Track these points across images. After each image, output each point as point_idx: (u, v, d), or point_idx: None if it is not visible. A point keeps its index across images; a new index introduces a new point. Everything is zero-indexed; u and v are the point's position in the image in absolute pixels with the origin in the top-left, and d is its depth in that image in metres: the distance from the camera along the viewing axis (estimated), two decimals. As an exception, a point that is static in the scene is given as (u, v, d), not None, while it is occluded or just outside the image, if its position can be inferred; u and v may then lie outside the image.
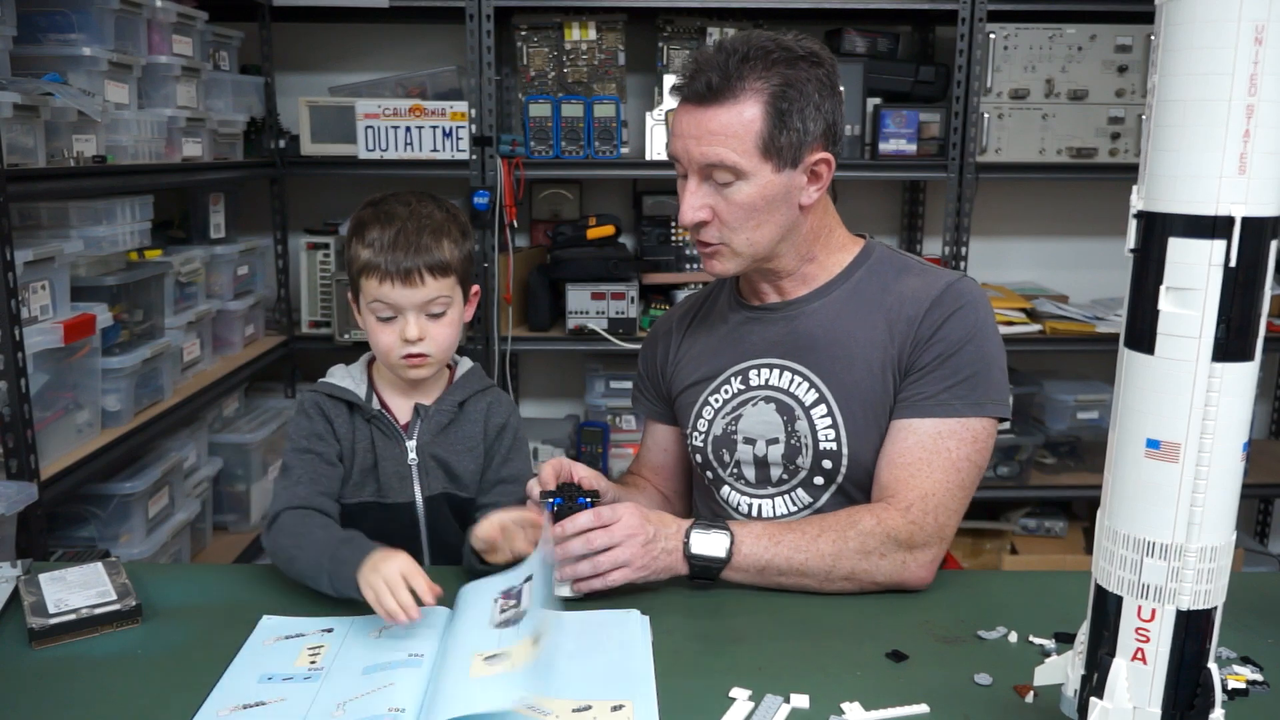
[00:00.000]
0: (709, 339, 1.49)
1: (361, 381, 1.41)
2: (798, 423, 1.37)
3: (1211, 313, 0.71)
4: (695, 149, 1.28)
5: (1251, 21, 0.66)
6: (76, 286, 1.92)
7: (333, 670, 1.07)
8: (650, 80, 2.94)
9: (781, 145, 1.26)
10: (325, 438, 1.36)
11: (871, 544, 1.23)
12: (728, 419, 1.42)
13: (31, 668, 1.08)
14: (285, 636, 1.14)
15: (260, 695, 1.02)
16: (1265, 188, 0.69)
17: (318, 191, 3.11)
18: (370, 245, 1.30)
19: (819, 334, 1.38)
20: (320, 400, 1.38)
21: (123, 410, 2.04)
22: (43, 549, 1.72)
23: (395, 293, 1.30)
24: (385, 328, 1.33)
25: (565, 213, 3.02)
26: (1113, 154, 2.74)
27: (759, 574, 1.24)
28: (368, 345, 1.39)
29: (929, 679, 1.05)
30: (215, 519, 2.62)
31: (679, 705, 1.00)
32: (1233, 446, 0.73)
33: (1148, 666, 0.77)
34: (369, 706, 0.99)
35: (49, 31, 1.96)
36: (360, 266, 1.32)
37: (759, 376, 1.41)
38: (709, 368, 1.46)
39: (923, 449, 1.29)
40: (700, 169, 1.29)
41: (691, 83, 1.27)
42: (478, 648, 1.05)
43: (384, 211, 1.33)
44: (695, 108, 1.27)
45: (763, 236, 1.32)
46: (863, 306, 1.37)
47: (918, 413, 1.30)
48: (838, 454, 1.35)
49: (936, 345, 1.31)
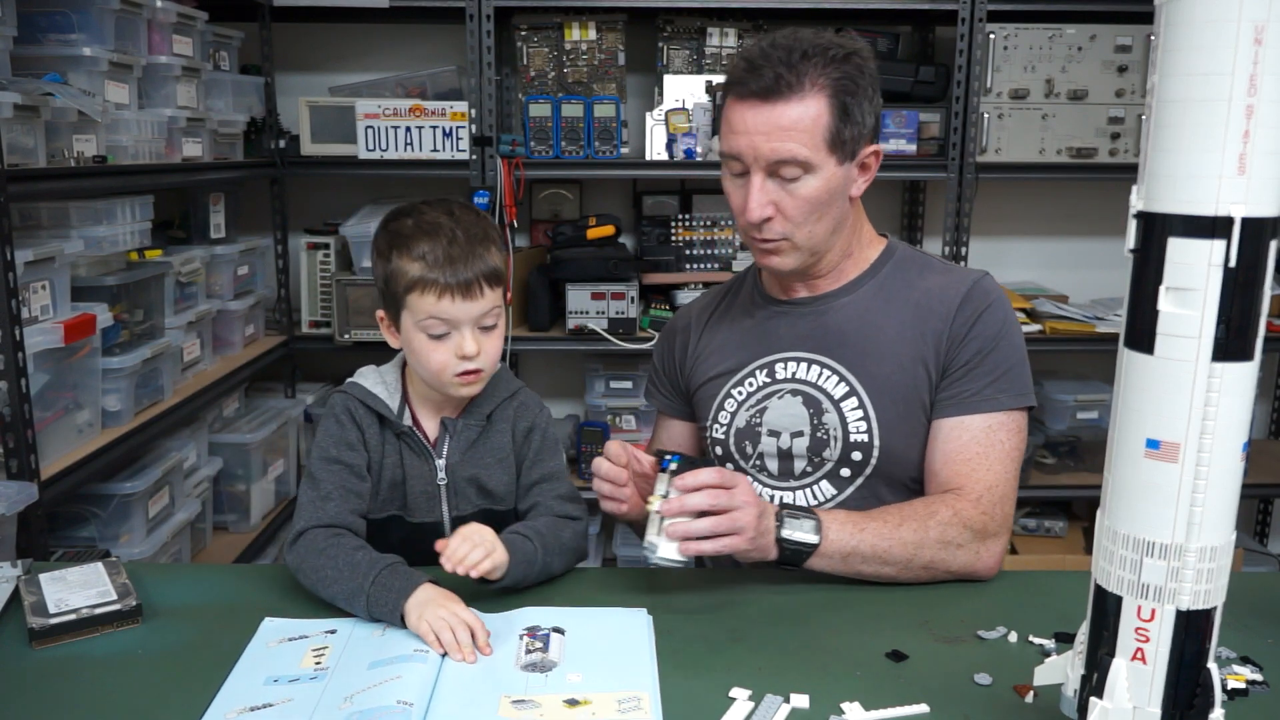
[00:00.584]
0: (732, 333, 1.49)
1: (395, 391, 1.35)
2: (826, 415, 1.38)
3: (1211, 313, 0.71)
4: (765, 145, 1.27)
5: (1251, 21, 0.66)
6: (77, 286, 1.92)
7: (338, 668, 1.07)
8: (650, 80, 2.94)
9: (845, 139, 1.29)
10: (356, 447, 1.31)
11: (951, 534, 1.26)
12: (751, 411, 1.43)
13: (31, 668, 1.08)
14: (289, 639, 1.14)
15: (267, 697, 1.02)
16: (1265, 188, 0.69)
17: (318, 191, 3.11)
18: (421, 259, 1.24)
19: (849, 329, 1.40)
20: (352, 406, 1.33)
21: (123, 410, 2.04)
22: (43, 549, 1.72)
23: (454, 307, 1.24)
24: (438, 345, 1.26)
25: (565, 213, 3.02)
26: (1113, 154, 2.74)
27: (843, 561, 1.24)
28: (368, 346, 1.39)
29: (929, 679, 1.05)
30: (215, 519, 2.62)
31: (679, 705, 1.00)
32: (1233, 446, 0.73)
33: (1147, 666, 0.77)
34: (377, 698, 0.98)
35: (49, 31, 1.96)
36: (410, 282, 1.24)
37: (785, 369, 1.42)
38: (733, 361, 1.46)
39: (978, 444, 1.34)
40: (767, 165, 1.28)
41: (754, 79, 1.26)
42: (505, 688, 1.03)
43: (426, 222, 1.27)
44: (761, 104, 1.26)
45: (822, 230, 1.34)
46: (891, 302, 1.40)
47: (967, 409, 1.34)
48: (869, 445, 1.37)
49: (973, 342, 1.35)
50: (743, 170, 1.31)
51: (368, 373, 1.38)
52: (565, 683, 1.04)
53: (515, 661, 1.08)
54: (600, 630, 1.15)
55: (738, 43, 2.81)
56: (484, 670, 1.06)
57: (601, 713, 0.99)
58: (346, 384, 1.36)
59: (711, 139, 2.71)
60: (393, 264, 1.26)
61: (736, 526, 1.15)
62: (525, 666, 1.07)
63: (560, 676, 1.05)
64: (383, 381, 1.36)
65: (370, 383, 1.35)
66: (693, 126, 2.70)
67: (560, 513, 1.34)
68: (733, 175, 1.34)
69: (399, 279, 1.26)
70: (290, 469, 2.91)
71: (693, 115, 2.70)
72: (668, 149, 2.72)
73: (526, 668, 1.07)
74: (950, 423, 1.35)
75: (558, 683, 1.04)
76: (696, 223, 2.92)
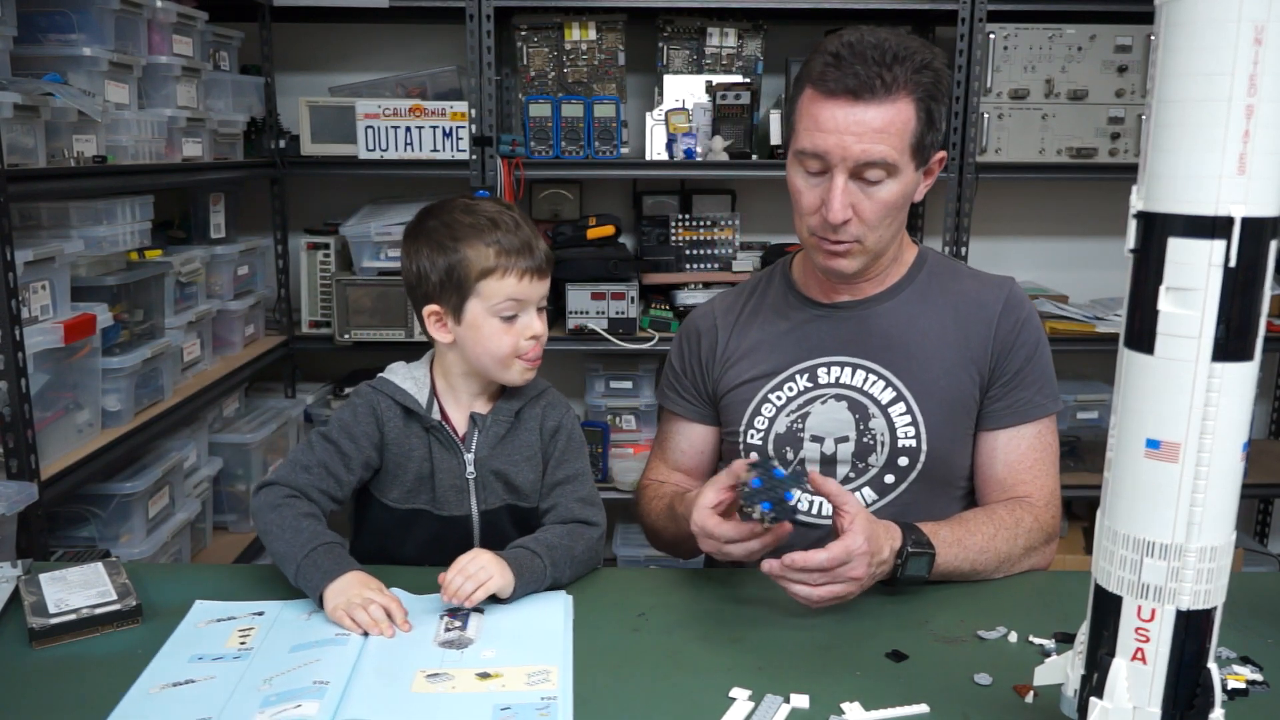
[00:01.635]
0: (765, 335, 1.46)
1: (424, 385, 1.37)
2: (873, 420, 1.38)
3: (1211, 313, 0.71)
4: (855, 146, 1.25)
5: (1251, 21, 0.66)
6: (76, 286, 1.92)
7: (261, 650, 1.10)
8: (650, 80, 2.94)
9: (926, 144, 1.30)
10: (358, 440, 1.33)
11: (1034, 540, 1.33)
12: (793, 417, 1.41)
13: (31, 668, 1.08)
14: (217, 620, 1.18)
15: (190, 674, 1.05)
16: (1265, 188, 0.69)
17: (318, 191, 3.11)
18: (496, 244, 1.28)
19: (894, 333, 1.40)
20: (376, 402, 1.35)
21: (123, 410, 2.04)
22: (43, 549, 1.72)
23: (530, 288, 1.30)
24: (508, 328, 1.30)
25: (565, 213, 3.02)
26: (1113, 154, 2.74)
27: (942, 574, 1.26)
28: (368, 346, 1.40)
29: (929, 679, 1.05)
30: (215, 519, 2.62)
31: (679, 705, 1.00)
32: (1233, 446, 0.73)
33: (1147, 666, 0.77)
34: (295, 680, 1.02)
35: (49, 31, 1.96)
36: (486, 268, 1.28)
37: (828, 374, 1.41)
38: (768, 364, 1.44)
39: (1035, 450, 1.39)
40: (854, 166, 1.26)
41: (847, 77, 1.24)
42: (420, 663, 1.07)
43: (484, 214, 1.31)
44: (853, 104, 1.24)
45: (890, 234, 1.34)
46: (931, 307, 1.41)
47: (1023, 418, 1.39)
48: (916, 450, 1.38)
49: (1020, 350, 1.39)
50: (820, 169, 1.28)
51: (398, 368, 1.39)
52: (479, 658, 1.08)
53: (434, 639, 1.12)
54: (519, 610, 1.19)
55: (738, 43, 2.81)
56: (402, 649, 1.10)
57: (511, 685, 1.03)
58: (377, 378, 1.38)
59: (711, 139, 2.71)
60: (460, 254, 1.28)
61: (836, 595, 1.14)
62: (443, 644, 1.11)
63: (475, 653, 1.09)
64: (412, 377, 1.38)
65: (399, 378, 1.37)
66: (693, 126, 2.70)
67: (579, 517, 1.33)
68: (807, 173, 1.30)
69: (469, 267, 1.28)
70: (290, 469, 2.91)
71: (693, 115, 2.70)
72: (668, 149, 2.72)
73: (444, 645, 1.11)
74: (1009, 433, 1.39)
75: (472, 658, 1.08)
76: (696, 223, 2.92)
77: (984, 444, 1.41)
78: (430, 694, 1.01)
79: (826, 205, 1.28)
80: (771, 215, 3.14)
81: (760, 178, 3.04)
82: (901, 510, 1.40)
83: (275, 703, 0.98)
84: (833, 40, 1.28)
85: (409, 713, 0.98)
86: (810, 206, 1.31)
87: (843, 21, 2.87)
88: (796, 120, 1.31)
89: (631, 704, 1.01)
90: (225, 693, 1.01)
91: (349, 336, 2.78)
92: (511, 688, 1.02)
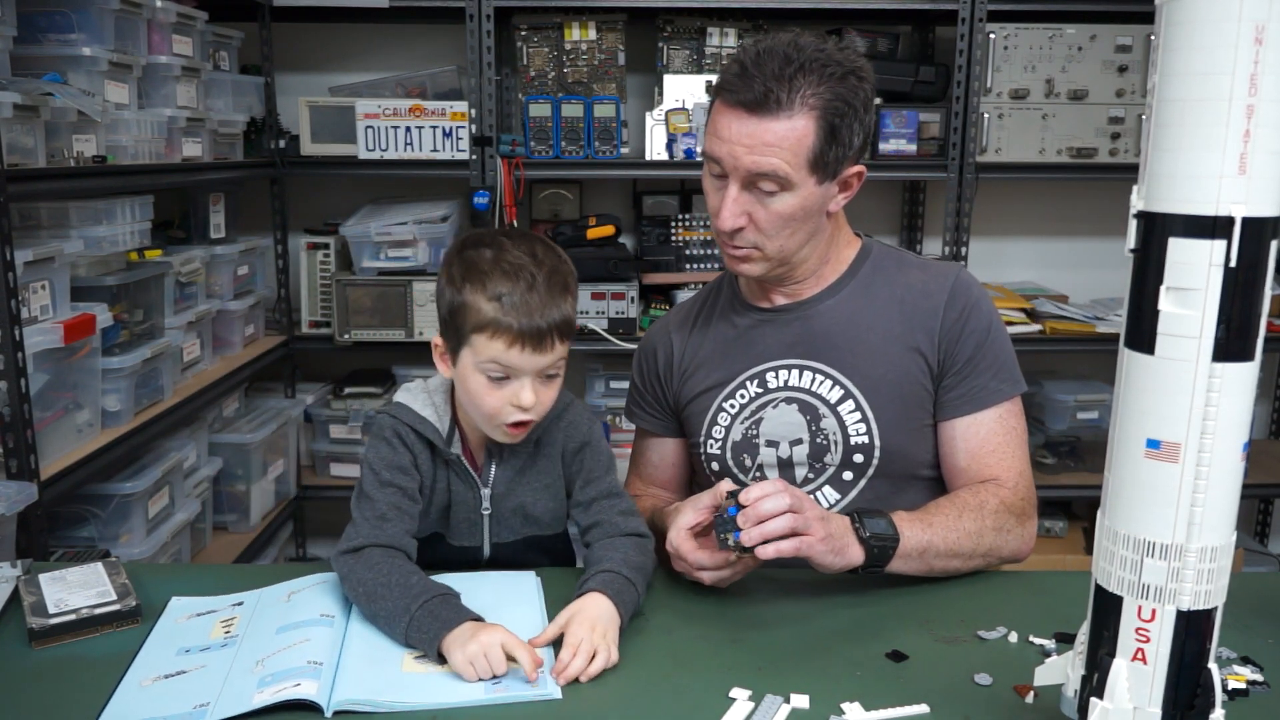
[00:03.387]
0: (714, 344, 1.47)
1: (445, 414, 1.28)
2: (824, 420, 1.38)
3: (1211, 313, 0.71)
4: (745, 157, 1.25)
5: (1251, 21, 0.66)
6: (76, 286, 1.92)
7: (248, 635, 1.11)
8: (650, 80, 2.94)
9: (829, 160, 1.27)
10: (408, 470, 1.25)
11: (1003, 521, 1.31)
12: (747, 423, 1.42)
13: (31, 668, 1.08)
14: (196, 614, 1.18)
15: (181, 665, 1.06)
16: (1265, 188, 0.69)
17: (318, 191, 3.11)
18: (496, 299, 1.16)
19: (836, 331, 1.40)
20: (402, 430, 1.26)
21: (123, 410, 2.04)
22: (43, 549, 1.72)
23: (522, 358, 1.17)
24: (495, 389, 1.19)
25: (565, 213, 3.02)
26: (1113, 154, 2.74)
27: (920, 557, 1.25)
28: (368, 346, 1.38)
29: (929, 679, 1.05)
30: (215, 519, 2.62)
31: (679, 705, 1.00)
32: (1233, 446, 0.73)
33: (1148, 667, 0.77)
34: (287, 660, 1.03)
35: (49, 31, 1.96)
36: (480, 323, 1.17)
37: (777, 378, 1.41)
38: (720, 373, 1.44)
39: (996, 435, 1.38)
40: (745, 176, 1.27)
41: (745, 89, 1.24)
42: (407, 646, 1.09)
43: (508, 260, 1.19)
44: (747, 115, 1.24)
45: (794, 244, 1.34)
46: (874, 301, 1.40)
47: (979, 405, 1.38)
48: (869, 447, 1.38)
49: (970, 338, 1.37)
50: (722, 174, 1.30)
51: (416, 391, 1.30)
52: None
53: None
54: (494, 592, 1.20)
55: (737, 43, 2.81)
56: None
57: None
58: (394, 405, 1.29)
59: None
60: (464, 297, 1.18)
61: (805, 525, 1.14)
62: None
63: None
64: (432, 403, 1.28)
65: (419, 404, 1.28)
66: (693, 126, 2.70)
67: (630, 530, 1.27)
68: (712, 176, 1.32)
69: (467, 315, 1.18)
70: (290, 469, 2.91)
71: (693, 115, 2.70)
72: (668, 149, 2.72)
73: None
74: (966, 420, 1.38)
75: None
76: (696, 223, 2.92)
77: (944, 434, 1.40)
78: (421, 673, 1.04)
79: (719, 211, 1.30)
80: (771, 215, 3.14)
81: (760, 178, 3.03)
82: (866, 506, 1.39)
83: (272, 682, 0.99)
84: (749, 47, 1.28)
85: (404, 691, 1.00)
86: (713, 209, 1.33)
87: (843, 21, 2.87)
88: (707, 123, 1.33)
89: (631, 704, 1.01)
90: (220, 677, 1.02)
91: (349, 336, 2.77)
92: None
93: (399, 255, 2.75)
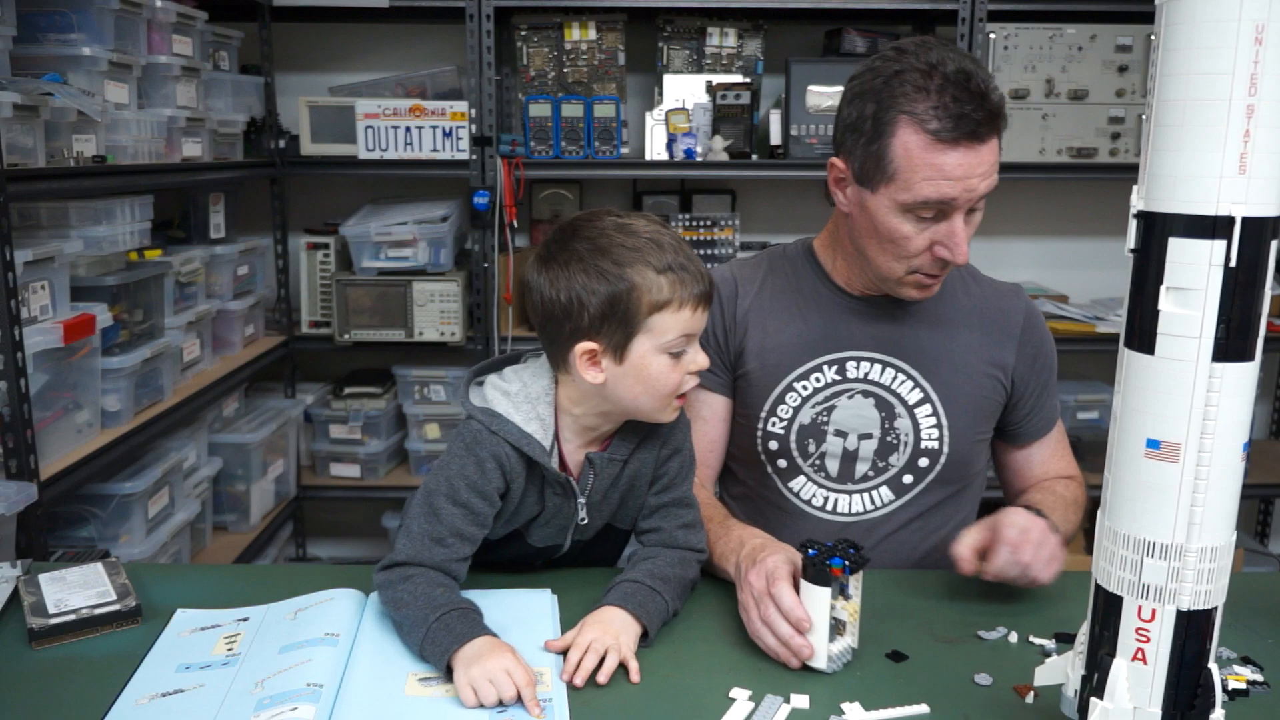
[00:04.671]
0: (791, 317, 1.41)
1: (549, 426, 1.17)
2: (898, 420, 1.38)
3: (1211, 313, 0.71)
4: (981, 185, 1.22)
5: (1251, 21, 0.66)
6: (76, 286, 1.92)
7: (250, 654, 1.08)
8: (650, 80, 2.94)
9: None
10: (490, 498, 1.15)
11: (1081, 513, 1.42)
12: (818, 409, 1.39)
13: (31, 668, 1.08)
14: (201, 628, 1.16)
15: (179, 684, 1.03)
16: (1265, 188, 0.69)
17: (318, 191, 3.11)
18: (668, 271, 1.09)
19: (923, 334, 1.39)
20: (501, 453, 1.14)
21: (123, 410, 2.04)
22: (43, 549, 1.72)
23: (703, 318, 1.13)
24: (675, 365, 1.12)
25: (565, 213, 3.02)
26: (1113, 154, 2.74)
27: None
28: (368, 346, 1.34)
29: (929, 679, 1.05)
30: (215, 519, 2.63)
31: (679, 705, 1.00)
32: (1233, 446, 0.73)
33: (1148, 667, 0.77)
34: (287, 682, 1.00)
35: (49, 31, 1.96)
36: (660, 300, 1.08)
37: (858, 369, 1.39)
38: (797, 351, 1.39)
39: (1060, 443, 1.51)
40: (971, 204, 1.24)
41: (965, 123, 1.19)
42: (411, 667, 1.07)
43: (640, 234, 1.10)
44: (979, 145, 1.21)
45: None
46: (957, 309, 1.42)
47: (1050, 425, 1.49)
48: (937, 452, 1.39)
49: (1043, 361, 1.45)
50: (938, 213, 1.24)
51: (518, 400, 1.17)
52: None
53: None
54: (507, 611, 1.17)
55: (738, 42, 2.81)
56: (393, 651, 1.09)
57: None
58: (492, 416, 1.15)
59: (711, 139, 2.71)
60: (627, 282, 1.08)
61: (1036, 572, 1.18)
62: None
63: None
64: (536, 415, 1.17)
65: (522, 417, 1.16)
66: (693, 126, 2.70)
67: (691, 545, 1.23)
68: (919, 219, 1.25)
69: (640, 297, 1.08)
70: (290, 469, 2.91)
71: (693, 115, 2.70)
72: (668, 149, 2.72)
73: None
74: (1048, 439, 1.49)
75: None
76: (696, 223, 2.92)
77: (1019, 454, 1.49)
78: (425, 697, 1.01)
79: (949, 247, 1.25)
80: (771, 215, 3.14)
81: (760, 178, 3.04)
82: (917, 512, 1.41)
83: (270, 705, 0.96)
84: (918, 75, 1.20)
85: (404, 717, 0.98)
86: (919, 248, 1.27)
87: (843, 21, 2.87)
88: (903, 166, 1.22)
89: (631, 704, 1.01)
90: (217, 699, 1.00)
91: (349, 336, 2.77)
92: None
93: (399, 255, 2.75)
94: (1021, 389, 1.43)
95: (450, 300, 2.76)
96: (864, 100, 1.25)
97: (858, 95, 1.26)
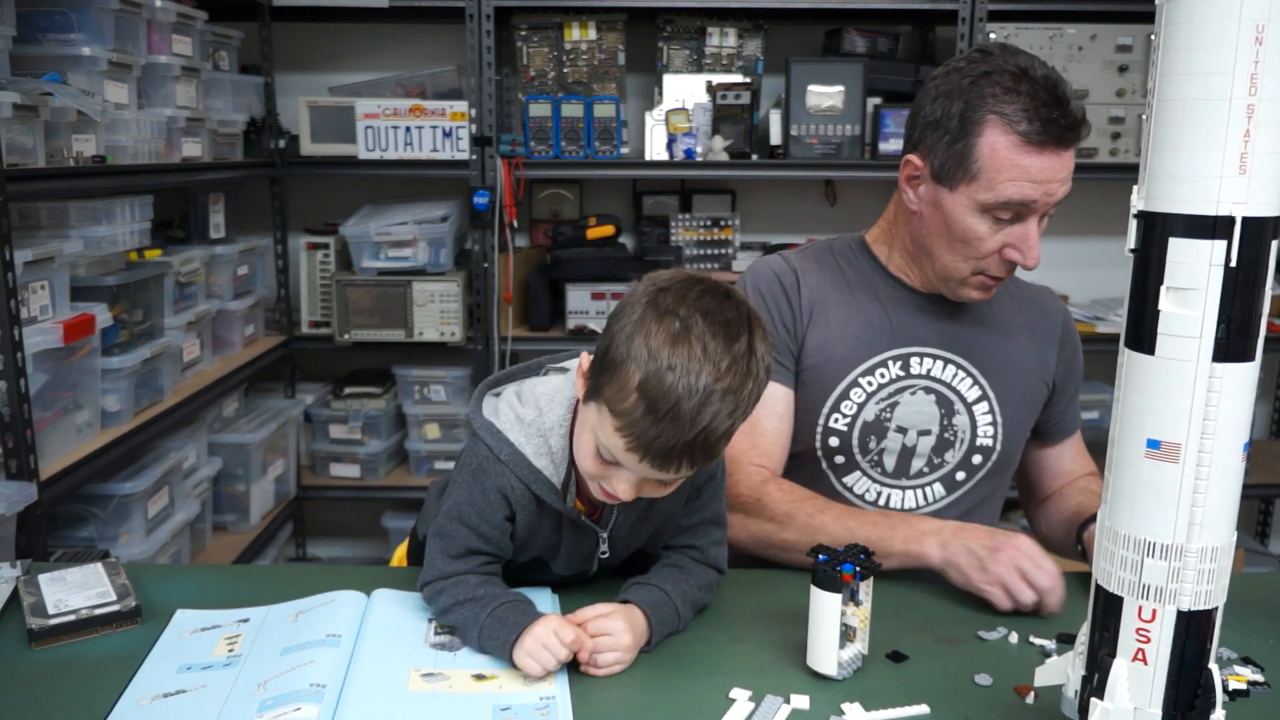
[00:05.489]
0: (856, 312, 1.39)
1: (563, 460, 1.10)
2: (956, 417, 1.39)
3: (1212, 313, 0.71)
4: (1059, 191, 1.24)
5: (1251, 21, 0.66)
6: (76, 286, 1.92)
7: (251, 655, 1.08)
8: (650, 80, 2.94)
9: None
10: (498, 526, 1.12)
11: None
12: (882, 405, 1.38)
13: (31, 668, 1.08)
14: (201, 629, 1.16)
15: (181, 684, 1.03)
16: (1266, 188, 0.69)
17: (318, 191, 3.11)
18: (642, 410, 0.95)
19: (982, 333, 1.41)
20: (507, 486, 1.09)
21: (122, 410, 2.04)
22: (42, 549, 1.72)
23: (648, 472, 1.00)
24: (604, 468, 1.03)
25: (565, 213, 3.02)
26: (1113, 154, 2.74)
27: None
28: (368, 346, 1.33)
29: (929, 679, 1.05)
30: (215, 519, 2.63)
31: (679, 705, 1.00)
32: (1233, 446, 0.73)
33: (1148, 667, 0.77)
34: (290, 683, 1.00)
35: (49, 31, 1.96)
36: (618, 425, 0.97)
37: (921, 365, 1.39)
38: (862, 346, 1.38)
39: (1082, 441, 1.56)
40: (1048, 208, 1.25)
41: (1054, 126, 1.20)
42: (414, 663, 1.07)
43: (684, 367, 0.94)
44: (1062, 151, 1.22)
45: None
46: (1009, 309, 1.45)
47: (1079, 421, 1.54)
48: (991, 450, 1.41)
49: (1077, 361, 1.50)
50: (1014, 216, 1.25)
51: (530, 432, 1.10)
52: (474, 660, 1.07)
53: (425, 641, 1.11)
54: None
55: (738, 42, 2.81)
56: (394, 650, 1.09)
57: (508, 685, 1.02)
58: (502, 443, 1.09)
59: (711, 138, 2.71)
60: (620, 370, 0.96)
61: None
62: (434, 645, 1.10)
63: (468, 654, 1.08)
64: (548, 449, 1.10)
65: (533, 451, 1.10)
66: (693, 126, 2.70)
67: (715, 564, 1.21)
68: (996, 219, 1.25)
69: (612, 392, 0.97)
70: (290, 469, 2.91)
71: (692, 115, 2.70)
72: (668, 149, 2.72)
73: (435, 646, 1.10)
74: (1073, 436, 1.53)
75: (466, 660, 1.07)
76: (696, 223, 2.92)
77: (1055, 449, 1.51)
78: (428, 693, 1.01)
79: (1021, 250, 1.26)
80: (771, 215, 3.14)
81: (760, 178, 3.04)
82: (965, 508, 1.43)
83: (272, 706, 0.96)
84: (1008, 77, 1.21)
85: (408, 713, 0.98)
86: (990, 250, 1.27)
87: (843, 21, 2.87)
88: (988, 166, 1.22)
89: (631, 704, 1.01)
90: (220, 699, 1.00)
91: (349, 336, 2.78)
92: (509, 689, 1.02)
93: (399, 255, 2.76)
94: (1060, 388, 1.47)
95: (450, 300, 2.76)
96: (950, 99, 1.25)
97: (943, 94, 1.26)
